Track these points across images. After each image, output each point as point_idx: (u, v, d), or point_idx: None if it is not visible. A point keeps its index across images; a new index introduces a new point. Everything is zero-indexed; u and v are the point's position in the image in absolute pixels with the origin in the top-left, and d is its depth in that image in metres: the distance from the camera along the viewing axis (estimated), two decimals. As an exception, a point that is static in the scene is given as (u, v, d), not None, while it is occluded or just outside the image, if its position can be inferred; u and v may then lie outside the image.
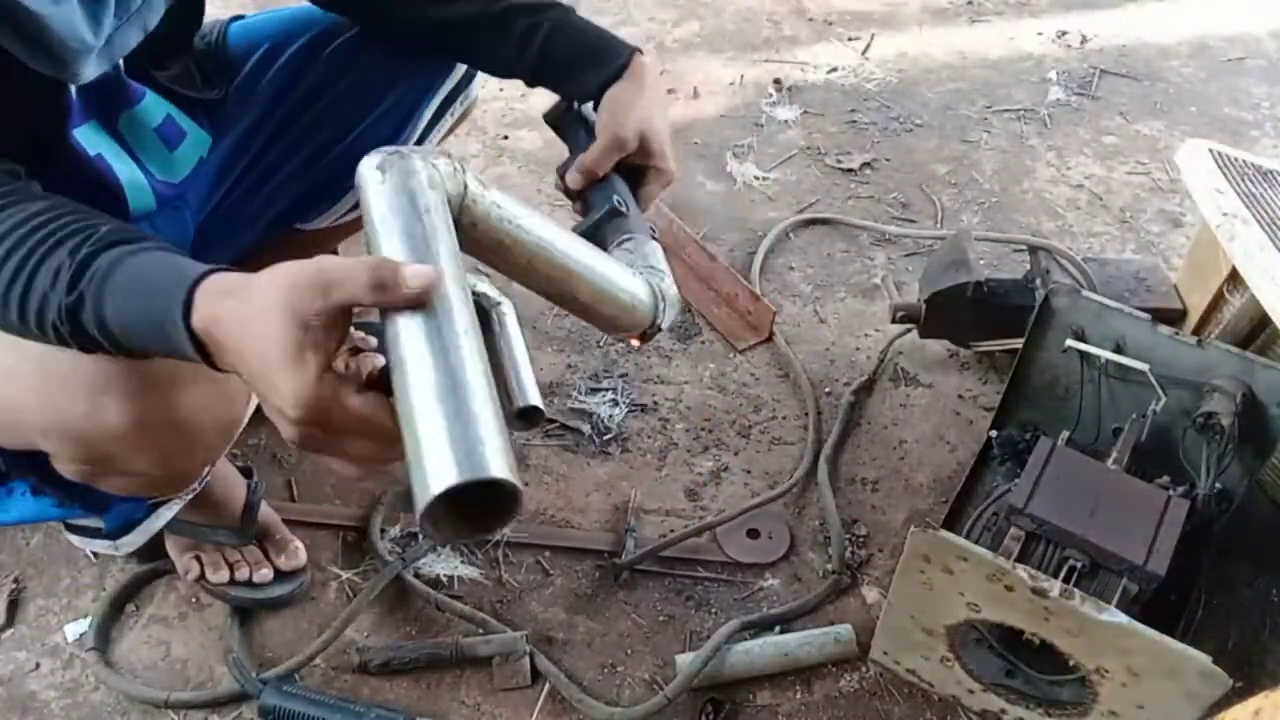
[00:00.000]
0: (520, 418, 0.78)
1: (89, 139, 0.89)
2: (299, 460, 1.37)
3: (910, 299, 1.50)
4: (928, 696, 1.15)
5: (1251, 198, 1.27)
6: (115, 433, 0.80)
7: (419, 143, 1.21)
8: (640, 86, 0.98)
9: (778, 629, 1.20)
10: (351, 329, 0.64)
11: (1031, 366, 1.30)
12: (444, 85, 1.18)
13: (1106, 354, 1.22)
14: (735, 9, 2.50)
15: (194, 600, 1.21)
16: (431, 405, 0.57)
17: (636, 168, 1.01)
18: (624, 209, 0.95)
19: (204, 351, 0.65)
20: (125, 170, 0.93)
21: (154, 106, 0.96)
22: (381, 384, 0.62)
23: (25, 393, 0.79)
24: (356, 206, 1.14)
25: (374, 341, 0.67)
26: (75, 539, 1.19)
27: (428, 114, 1.19)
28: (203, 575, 1.18)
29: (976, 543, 1.00)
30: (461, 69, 1.18)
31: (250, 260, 1.23)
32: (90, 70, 0.79)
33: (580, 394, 1.47)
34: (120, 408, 0.79)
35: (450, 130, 1.26)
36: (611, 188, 0.97)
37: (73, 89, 0.83)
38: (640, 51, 1.00)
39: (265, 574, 1.18)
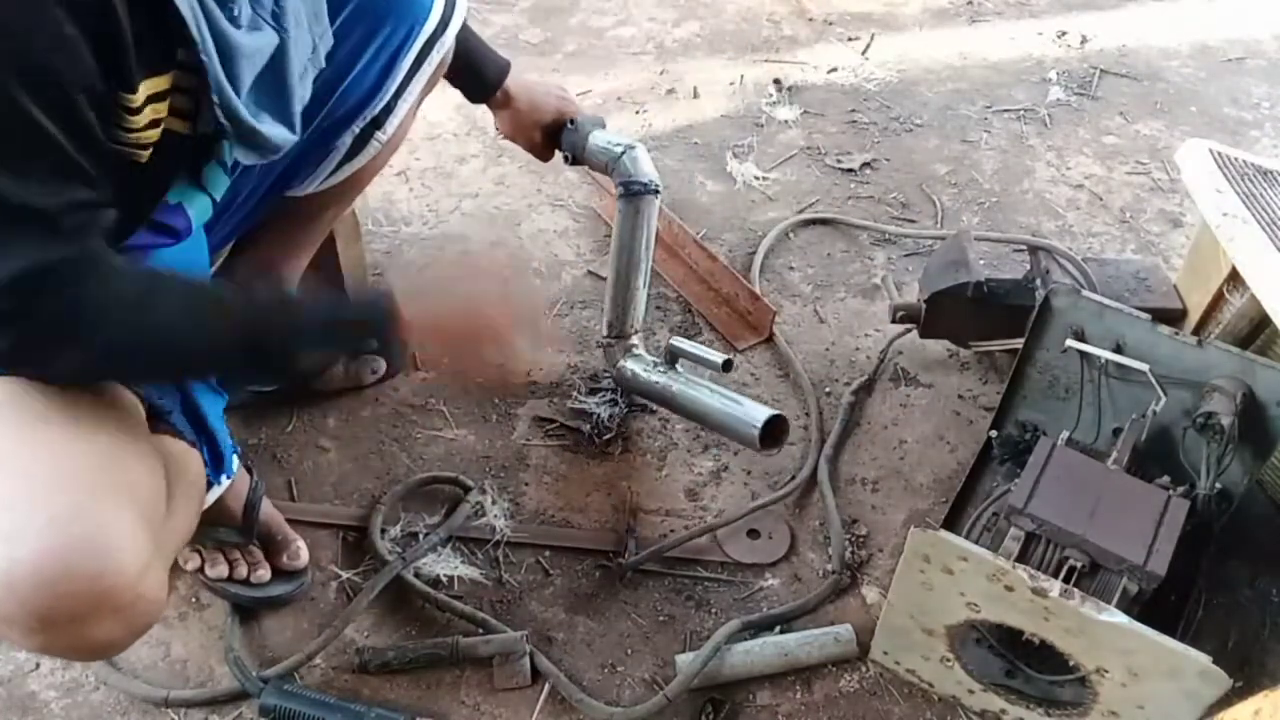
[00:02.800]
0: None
1: (174, 191, 0.95)
2: (299, 460, 1.37)
3: (910, 299, 1.50)
4: (928, 696, 1.16)
5: (1251, 198, 1.27)
6: (20, 645, 0.87)
7: (398, 95, 1.20)
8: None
9: (778, 629, 1.20)
10: None
11: (1031, 366, 1.30)
12: (421, 32, 1.18)
13: (1106, 354, 1.22)
14: (735, 9, 2.50)
15: (194, 600, 1.21)
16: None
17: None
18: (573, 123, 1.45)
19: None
20: (199, 211, 0.99)
21: (225, 150, 0.99)
22: None
23: None
24: (340, 169, 1.19)
25: None
26: None
27: (406, 64, 1.18)
28: (202, 568, 1.18)
29: (976, 543, 1.00)
30: (437, 15, 1.18)
31: (246, 236, 1.25)
32: (286, 148, 0.95)
33: (580, 394, 1.47)
34: (21, 637, 0.80)
35: (429, 87, 1.24)
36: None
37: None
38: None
39: (262, 574, 1.18)
